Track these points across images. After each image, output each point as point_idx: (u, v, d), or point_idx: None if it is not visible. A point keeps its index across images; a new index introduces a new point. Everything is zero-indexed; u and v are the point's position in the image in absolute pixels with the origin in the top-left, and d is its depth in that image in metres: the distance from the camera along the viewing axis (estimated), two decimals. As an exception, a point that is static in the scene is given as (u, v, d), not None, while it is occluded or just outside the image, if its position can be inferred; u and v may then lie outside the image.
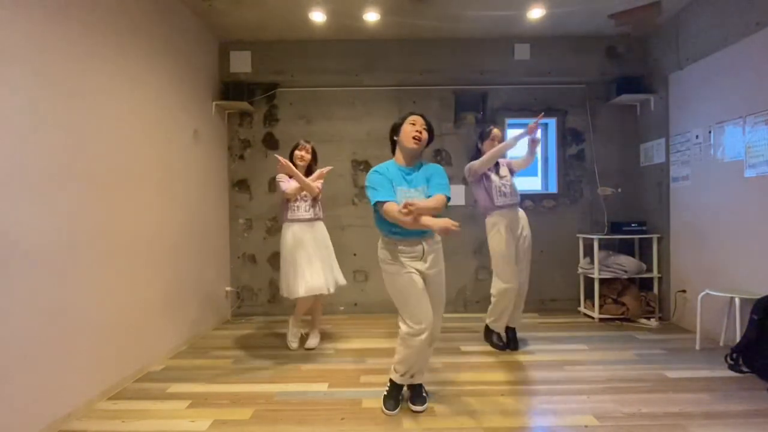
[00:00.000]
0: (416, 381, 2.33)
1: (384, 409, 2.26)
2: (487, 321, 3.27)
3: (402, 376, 2.29)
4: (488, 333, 3.29)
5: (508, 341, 3.20)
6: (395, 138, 2.31)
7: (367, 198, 2.23)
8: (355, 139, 4.32)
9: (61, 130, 2.16)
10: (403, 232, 2.16)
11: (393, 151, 2.34)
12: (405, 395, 2.37)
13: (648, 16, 3.81)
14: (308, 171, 3.26)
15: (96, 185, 2.40)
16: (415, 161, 2.28)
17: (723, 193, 3.27)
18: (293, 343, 3.30)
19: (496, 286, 3.14)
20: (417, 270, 2.19)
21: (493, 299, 3.18)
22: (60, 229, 2.13)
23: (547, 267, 4.28)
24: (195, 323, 3.54)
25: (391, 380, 2.33)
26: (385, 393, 2.33)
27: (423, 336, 2.15)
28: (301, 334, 3.40)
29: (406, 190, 2.19)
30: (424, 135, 2.23)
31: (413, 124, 2.24)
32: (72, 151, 2.23)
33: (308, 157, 3.27)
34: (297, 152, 3.25)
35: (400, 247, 2.19)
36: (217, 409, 2.29)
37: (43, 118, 2.05)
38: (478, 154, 3.18)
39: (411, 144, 2.21)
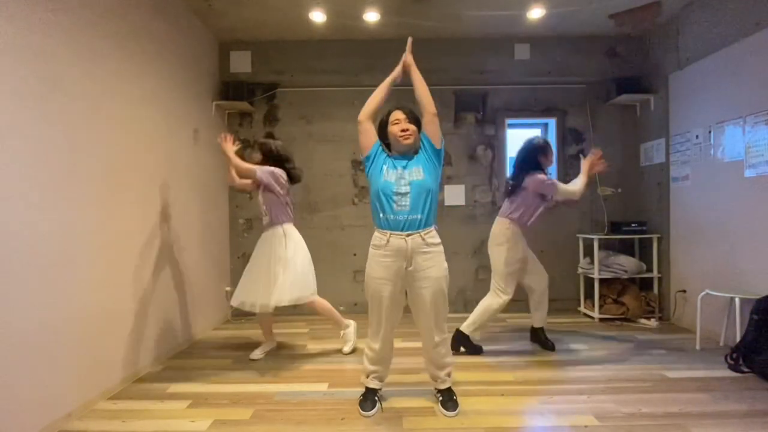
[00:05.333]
0: (442, 386, 2.27)
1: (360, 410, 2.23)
2: (468, 330, 3.03)
3: (367, 377, 2.31)
4: (464, 340, 3.05)
5: (546, 340, 3.16)
6: (387, 141, 2.29)
7: (368, 198, 2.23)
8: (355, 139, 4.22)
9: (61, 129, 2.16)
10: (390, 224, 2.12)
11: (389, 149, 2.31)
12: (438, 398, 2.30)
13: (648, 16, 3.80)
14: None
15: (96, 185, 2.40)
16: (411, 152, 2.23)
17: (723, 193, 3.27)
18: (254, 352, 3.06)
19: (495, 299, 3.00)
20: (398, 274, 2.13)
21: (482, 308, 3.04)
22: (59, 229, 2.13)
23: (547, 267, 4.23)
24: (195, 323, 3.53)
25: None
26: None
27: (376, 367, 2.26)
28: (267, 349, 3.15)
29: (401, 171, 2.14)
30: (412, 127, 2.19)
31: (397, 123, 2.21)
32: (72, 151, 2.22)
33: (257, 156, 3.04)
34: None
35: (384, 242, 2.13)
36: (217, 409, 2.29)
37: (43, 117, 2.05)
38: (536, 167, 2.93)
39: (403, 142, 2.18)
